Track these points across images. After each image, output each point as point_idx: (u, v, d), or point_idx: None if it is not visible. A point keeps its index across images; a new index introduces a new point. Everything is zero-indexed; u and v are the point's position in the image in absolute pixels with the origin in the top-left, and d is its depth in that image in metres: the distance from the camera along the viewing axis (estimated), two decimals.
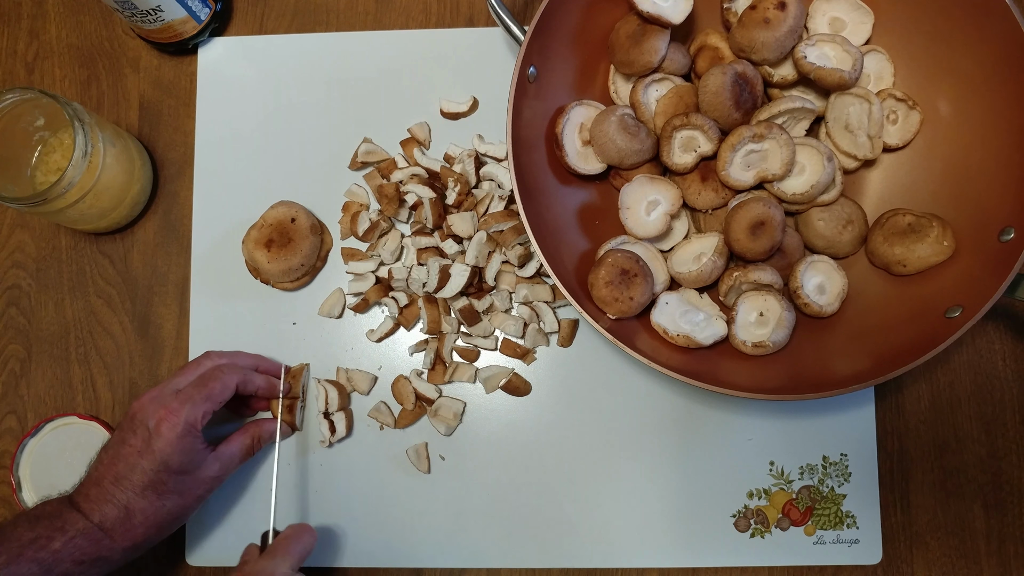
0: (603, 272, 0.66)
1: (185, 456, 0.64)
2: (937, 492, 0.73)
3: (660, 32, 0.70)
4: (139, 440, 0.63)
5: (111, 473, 0.63)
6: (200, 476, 0.65)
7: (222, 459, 0.67)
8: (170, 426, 0.63)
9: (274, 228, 0.74)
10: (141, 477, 0.62)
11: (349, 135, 0.79)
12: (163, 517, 0.64)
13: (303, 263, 0.74)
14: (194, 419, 0.64)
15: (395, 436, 0.75)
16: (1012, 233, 0.63)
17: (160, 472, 0.63)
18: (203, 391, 0.65)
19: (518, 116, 0.66)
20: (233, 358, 0.71)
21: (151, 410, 0.64)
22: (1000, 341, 0.75)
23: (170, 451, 0.63)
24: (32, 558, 0.58)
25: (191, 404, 0.64)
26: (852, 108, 0.70)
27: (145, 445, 0.63)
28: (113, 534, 0.62)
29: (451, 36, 0.80)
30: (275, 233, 0.74)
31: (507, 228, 0.73)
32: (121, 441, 0.64)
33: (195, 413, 0.64)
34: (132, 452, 0.63)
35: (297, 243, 0.73)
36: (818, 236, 0.71)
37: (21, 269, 0.79)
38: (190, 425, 0.64)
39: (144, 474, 0.62)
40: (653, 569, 0.73)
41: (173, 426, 0.63)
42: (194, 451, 0.64)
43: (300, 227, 0.74)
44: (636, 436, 0.74)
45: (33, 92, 0.68)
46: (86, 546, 0.60)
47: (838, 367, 0.66)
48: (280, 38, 0.81)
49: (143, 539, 0.63)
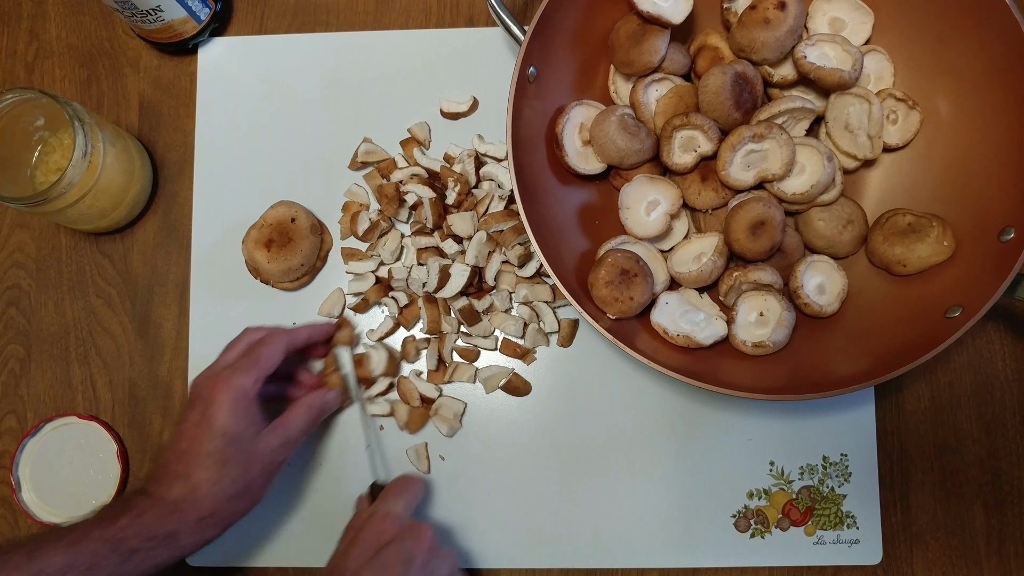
0: (603, 272, 0.66)
1: (240, 421, 0.64)
2: (937, 492, 0.73)
3: (660, 32, 0.70)
4: (196, 414, 0.64)
5: (174, 452, 0.63)
6: (260, 448, 0.65)
7: (279, 429, 0.67)
8: (223, 392, 0.64)
9: (274, 228, 0.74)
10: (200, 447, 0.63)
11: (349, 135, 0.79)
12: (227, 488, 0.63)
13: (303, 263, 0.74)
14: (244, 385, 0.64)
15: (394, 436, 0.75)
16: (1012, 233, 0.63)
17: (217, 439, 0.63)
18: (252, 358, 0.66)
19: (518, 116, 0.66)
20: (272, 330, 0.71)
21: (205, 385, 0.65)
22: (1000, 341, 0.75)
23: (225, 417, 0.63)
24: (99, 537, 0.58)
25: (240, 372, 0.65)
26: (852, 108, 0.70)
27: (201, 416, 0.63)
28: (181, 507, 0.62)
29: (451, 36, 0.80)
30: (275, 233, 0.74)
31: (507, 228, 0.73)
32: (181, 420, 0.65)
33: (245, 379, 0.65)
34: (191, 426, 0.63)
35: (297, 243, 0.73)
36: (818, 236, 0.71)
37: (21, 269, 0.79)
38: (242, 391, 0.64)
39: (202, 443, 0.63)
40: (653, 569, 0.73)
41: (225, 392, 0.64)
42: (249, 418, 0.65)
43: (300, 227, 0.74)
44: (636, 436, 0.74)
45: (33, 92, 0.68)
46: (154, 521, 0.60)
47: (838, 367, 0.66)
48: (280, 38, 0.81)
49: (209, 511, 0.62)
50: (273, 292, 0.77)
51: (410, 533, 0.62)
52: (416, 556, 0.61)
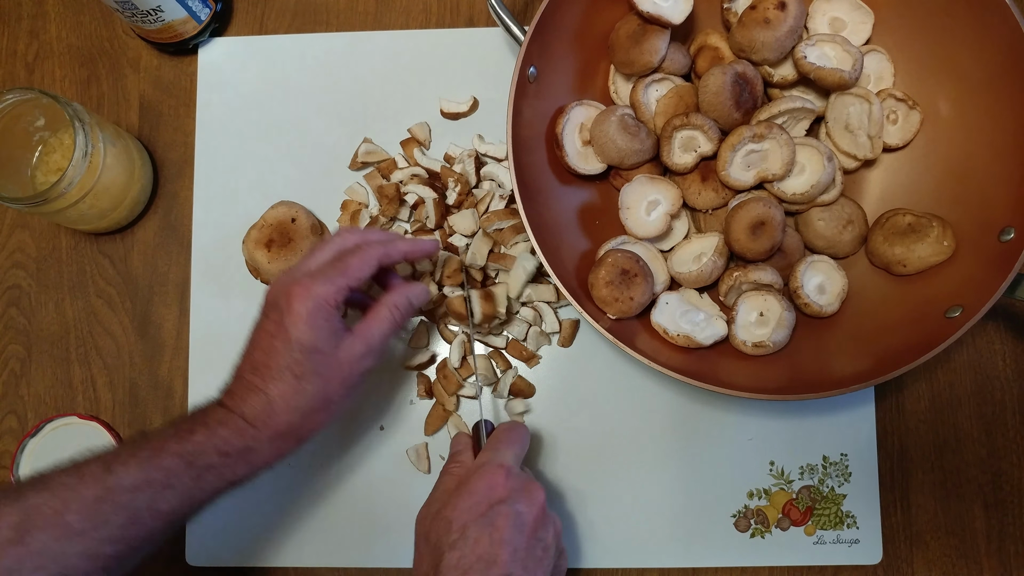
0: (603, 272, 0.66)
1: (319, 333, 0.58)
2: (937, 492, 0.73)
3: (660, 32, 0.70)
4: (271, 323, 0.60)
5: (249, 364, 0.60)
6: (341, 357, 0.60)
7: (361, 336, 0.61)
8: (301, 301, 0.58)
9: (274, 228, 0.74)
10: (277, 359, 0.59)
11: (349, 135, 0.79)
12: (304, 401, 0.59)
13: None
14: (327, 294, 0.59)
15: (394, 436, 0.75)
16: (1012, 233, 0.63)
17: (294, 351, 0.58)
18: (339, 266, 0.60)
19: (518, 116, 0.66)
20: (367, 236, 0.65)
21: (282, 291, 0.60)
22: (1000, 341, 0.75)
23: (303, 327, 0.58)
24: (174, 451, 0.56)
25: (324, 279, 0.59)
26: (852, 108, 0.70)
27: (277, 326, 0.59)
28: (256, 423, 0.59)
29: (451, 36, 0.80)
30: (275, 233, 0.74)
31: (506, 227, 0.73)
32: (256, 329, 0.61)
33: (328, 288, 0.59)
34: (266, 336, 0.60)
35: (297, 243, 0.73)
36: (818, 236, 0.71)
37: (21, 269, 0.80)
38: (322, 300, 0.58)
39: (279, 355, 0.59)
40: (653, 569, 0.73)
41: (304, 301, 0.58)
42: (329, 329, 0.59)
43: (300, 227, 0.74)
44: (636, 436, 0.74)
45: (33, 92, 0.68)
46: (230, 436, 0.58)
47: (838, 367, 0.66)
48: (280, 38, 0.81)
49: (286, 427, 0.59)
50: None
51: (523, 493, 0.58)
52: (527, 520, 0.57)
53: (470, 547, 0.55)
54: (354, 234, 0.64)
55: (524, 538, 0.57)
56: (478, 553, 0.55)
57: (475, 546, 0.55)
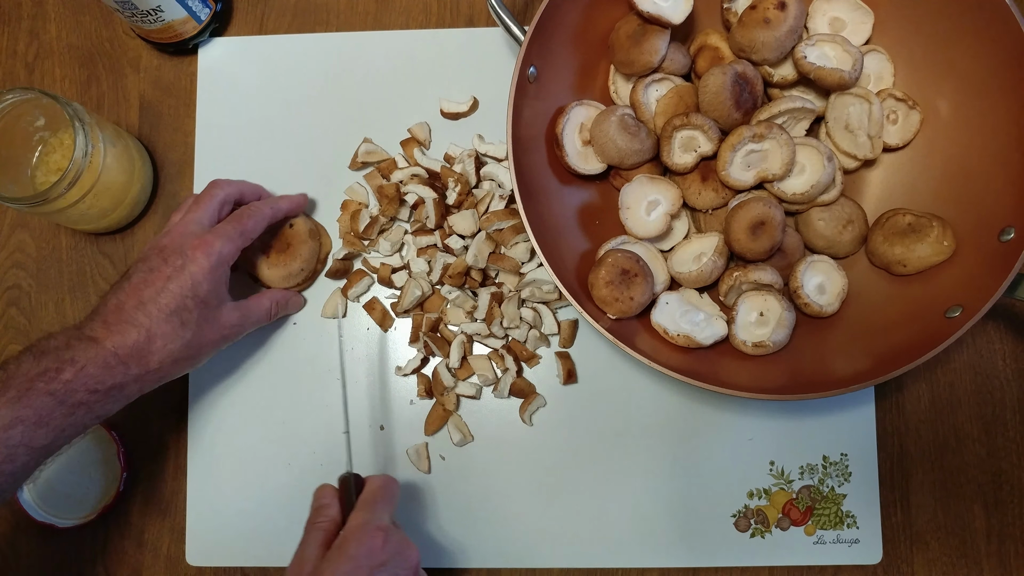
0: (603, 272, 0.66)
1: (214, 286, 0.64)
2: (937, 492, 0.73)
3: (660, 32, 0.70)
4: (170, 267, 0.63)
5: (135, 298, 0.62)
6: (220, 318, 0.66)
7: (243, 310, 0.68)
8: (205, 254, 0.64)
9: (272, 234, 0.74)
10: (168, 300, 0.62)
11: (349, 135, 0.79)
12: (180, 348, 0.63)
13: (303, 267, 0.74)
14: (228, 252, 0.65)
15: (394, 436, 0.75)
16: (1012, 233, 0.63)
17: (188, 297, 0.63)
18: (238, 227, 0.67)
19: (518, 116, 0.66)
20: (242, 187, 0.72)
21: (184, 241, 0.64)
22: (1000, 341, 0.75)
23: (202, 277, 0.63)
24: (44, 391, 0.57)
25: (227, 238, 0.65)
26: (852, 108, 0.70)
27: (178, 271, 0.63)
28: (128, 360, 0.61)
29: (451, 36, 0.80)
30: (273, 239, 0.73)
31: (506, 227, 0.74)
32: (150, 269, 0.63)
33: (229, 247, 0.65)
34: (161, 277, 0.63)
35: (296, 248, 0.73)
36: (818, 236, 0.71)
37: (21, 269, 0.79)
38: (225, 257, 0.65)
39: (172, 297, 0.62)
40: (653, 569, 0.73)
41: (208, 255, 0.64)
42: (222, 285, 0.65)
43: (298, 232, 0.74)
44: (636, 436, 0.74)
45: (33, 92, 0.68)
46: (99, 374, 0.59)
47: (838, 367, 0.66)
48: (280, 38, 0.81)
49: (156, 367, 0.62)
50: None
51: (400, 556, 0.59)
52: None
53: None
54: (231, 185, 0.71)
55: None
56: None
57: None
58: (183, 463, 0.75)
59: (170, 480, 0.76)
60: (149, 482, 0.76)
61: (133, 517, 0.76)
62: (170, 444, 0.76)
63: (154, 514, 0.76)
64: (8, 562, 0.75)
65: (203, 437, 0.76)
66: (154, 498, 0.76)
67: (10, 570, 0.75)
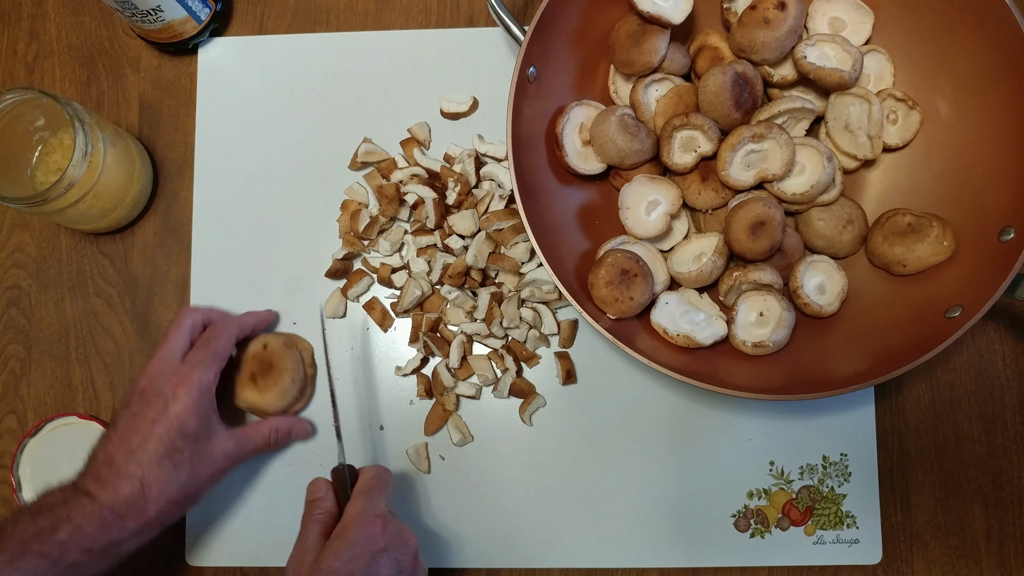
0: (603, 272, 0.66)
1: (201, 420, 0.63)
2: (937, 492, 0.73)
3: (660, 32, 0.70)
4: (154, 410, 0.62)
5: (123, 449, 0.61)
6: (214, 450, 0.64)
7: (238, 438, 0.67)
8: (186, 390, 0.63)
9: (251, 362, 0.72)
10: (157, 446, 0.61)
11: (349, 135, 0.79)
12: (177, 491, 0.62)
13: (293, 379, 0.72)
14: (207, 380, 0.64)
15: (394, 436, 0.75)
16: (1012, 233, 0.63)
17: (176, 438, 0.61)
18: (209, 352, 0.66)
19: (518, 116, 0.66)
20: (209, 313, 0.71)
21: (163, 380, 0.63)
22: (1000, 341, 0.75)
23: (187, 415, 0.62)
24: (37, 552, 0.56)
25: (202, 367, 0.64)
26: (852, 108, 0.70)
27: (160, 413, 0.62)
28: (125, 514, 0.59)
29: (451, 36, 0.80)
30: (255, 366, 0.72)
31: (507, 227, 0.74)
32: (133, 415, 0.62)
33: (207, 375, 0.64)
34: (146, 423, 0.61)
35: (279, 365, 0.72)
36: (818, 236, 0.71)
37: (21, 269, 0.80)
38: (205, 387, 0.64)
39: (160, 442, 0.61)
40: (653, 569, 0.73)
41: (189, 390, 0.63)
42: (209, 416, 0.64)
43: (274, 349, 0.72)
44: (636, 436, 0.74)
45: (33, 92, 0.68)
46: (95, 532, 0.58)
47: (838, 367, 0.66)
48: (280, 38, 0.81)
49: (156, 517, 0.61)
50: (272, 293, 0.77)
51: (400, 542, 0.61)
52: (406, 568, 0.61)
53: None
54: (198, 312, 0.70)
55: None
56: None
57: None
58: None
59: None
60: None
61: None
62: None
63: None
64: None
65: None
66: None
67: None
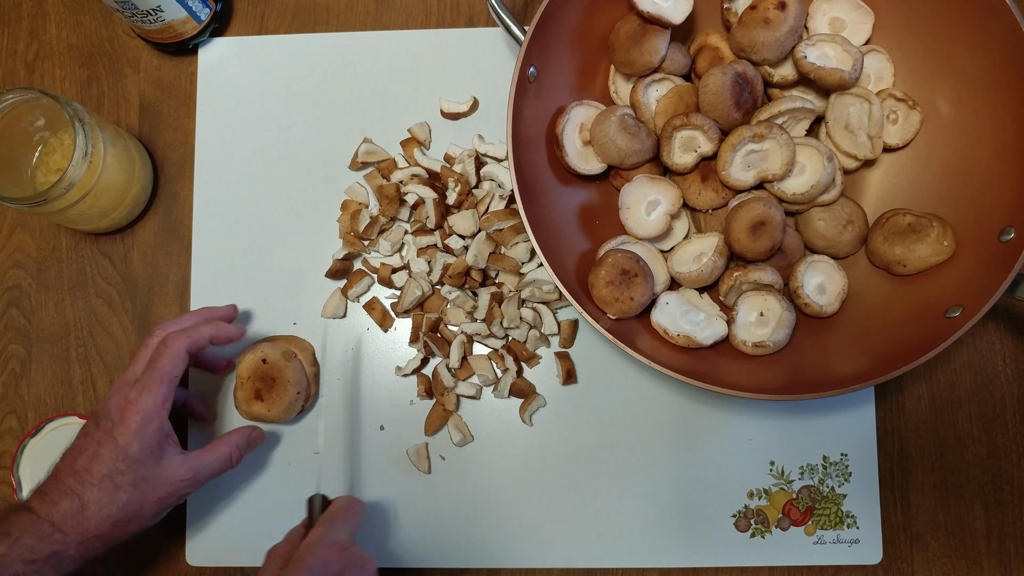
0: (603, 272, 0.66)
1: (145, 444, 0.62)
2: (937, 492, 0.73)
3: (660, 32, 0.70)
4: (101, 432, 0.62)
5: (69, 467, 0.62)
6: (163, 475, 0.63)
7: (192, 462, 0.65)
8: (132, 414, 0.62)
9: (253, 378, 0.72)
10: (100, 466, 0.61)
11: (349, 135, 0.79)
12: (117, 512, 0.61)
13: (299, 391, 0.72)
14: (152, 405, 0.62)
15: (395, 436, 0.75)
16: (1012, 233, 0.63)
17: (118, 461, 0.61)
18: (155, 375, 0.63)
19: (518, 116, 0.66)
20: (179, 323, 0.68)
21: (113, 403, 0.63)
22: (1000, 341, 0.75)
23: (130, 438, 0.61)
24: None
25: (147, 391, 0.62)
26: (852, 108, 0.70)
27: (106, 435, 0.62)
28: (64, 527, 0.60)
29: (451, 36, 0.80)
30: (257, 382, 0.72)
31: (506, 227, 0.74)
32: (83, 436, 0.63)
33: (152, 399, 0.62)
34: (92, 443, 0.62)
35: (282, 377, 0.72)
36: (818, 236, 0.71)
37: (21, 269, 0.80)
38: (150, 412, 0.62)
39: (103, 463, 0.61)
40: (653, 569, 0.73)
41: (134, 414, 0.62)
42: (156, 441, 0.63)
43: (274, 362, 0.72)
44: (636, 436, 0.74)
45: (33, 92, 0.68)
46: (35, 544, 0.59)
47: (838, 367, 0.66)
48: (280, 38, 0.81)
49: (95, 532, 0.61)
50: (272, 293, 0.77)
51: (356, 567, 0.60)
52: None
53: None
54: (162, 328, 0.67)
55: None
56: None
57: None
58: None
59: None
60: None
61: None
62: None
63: None
64: None
65: (203, 437, 0.76)
66: None
67: None
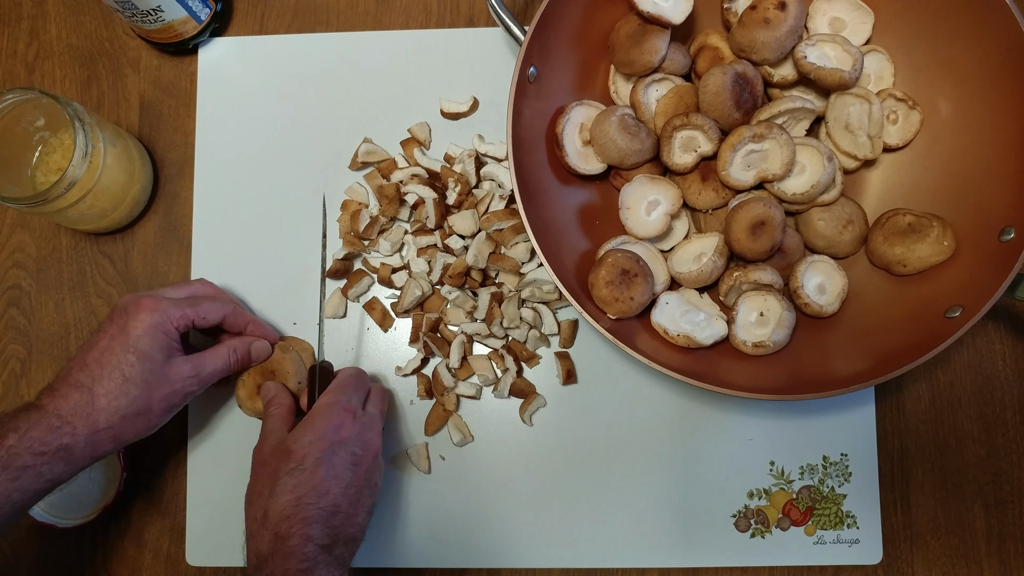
0: (603, 272, 0.66)
1: (155, 343, 0.63)
2: (937, 492, 0.73)
3: (660, 32, 0.70)
4: (114, 327, 0.63)
5: (80, 361, 0.62)
6: (170, 372, 0.64)
7: (194, 361, 0.66)
8: (148, 312, 0.63)
9: (253, 374, 0.71)
10: (109, 357, 0.62)
11: (349, 135, 0.79)
12: (126, 405, 0.62)
13: (300, 380, 0.72)
14: (172, 315, 0.64)
15: (395, 436, 0.75)
16: (1012, 233, 0.63)
17: (129, 353, 0.62)
18: (191, 301, 0.67)
19: (518, 116, 0.66)
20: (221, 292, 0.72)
21: (132, 300, 0.64)
22: (1000, 341, 0.75)
23: (141, 333, 0.62)
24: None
25: (175, 304, 0.65)
26: (852, 108, 0.70)
27: (120, 330, 0.63)
28: (74, 420, 0.60)
29: (451, 36, 0.80)
30: (258, 377, 0.71)
31: (507, 227, 0.74)
32: (97, 332, 0.64)
33: (175, 311, 0.64)
34: (105, 337, 0.63)
35: (281, 370, 0.71)
36: (818, 236, 0.71)
37: (21, 269, 0.80)
38: (167, 317, 0.64)
39: (113, 354, 0.62)
40: (653, 569, 0.73)
41: (151, 313, 0.63)
42: (166, 343, 0.64)
43: (273, 357, 0.72)
44: (636, 436, 0.74)
45: (33, 92, 0.68)
46: (43, 435, 0.59)
47: (838, 367, 0.66)
48: (280, 38, 0.81)
49: (105, 425, 0.61)
50: (273, 293, 0.77)
51: (362, 439, 0.63)
52: (362, 463, 0.63)
53: (306, 476, 0.60)
54: (210, 286, 0.71)
55: (356, 477, 0.62)
56: (313, 483, 0.60)
57: (311, 476, 0.60)
58: (183, 463, 0.76)
59: (170, 480, 0.76)
60: (149, 482, 0.76)
61: (133, 517, 0.76)
62: (170, 444, 0.76)
63: (154, 514, 0.76)
64: (9, 562, 0.76)
65: (203, 437, 0.76)
66: (154, 498, 0.76)
67: (11, 570, 0.75)
